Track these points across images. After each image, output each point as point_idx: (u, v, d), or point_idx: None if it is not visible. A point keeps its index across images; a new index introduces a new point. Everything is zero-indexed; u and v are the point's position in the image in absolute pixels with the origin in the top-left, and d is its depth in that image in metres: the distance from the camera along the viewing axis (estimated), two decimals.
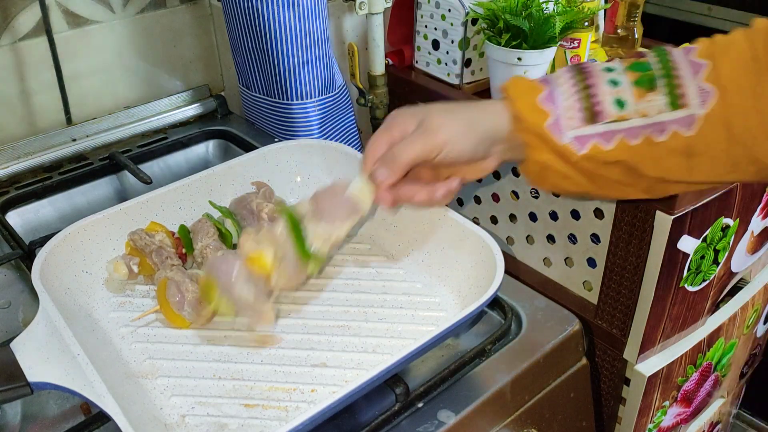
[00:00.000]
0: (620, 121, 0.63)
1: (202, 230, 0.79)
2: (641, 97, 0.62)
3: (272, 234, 0.68)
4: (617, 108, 0.62)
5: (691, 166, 0.63)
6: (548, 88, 0.65)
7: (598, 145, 0.63)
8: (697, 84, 0.61)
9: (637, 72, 0.63)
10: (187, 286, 0.71)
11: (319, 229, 0.68)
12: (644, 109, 0.62)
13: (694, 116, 0.61)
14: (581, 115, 0.63)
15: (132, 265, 0.75)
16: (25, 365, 0.61)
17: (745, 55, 0.60)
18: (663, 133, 0.62)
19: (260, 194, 0.84)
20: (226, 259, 0.67)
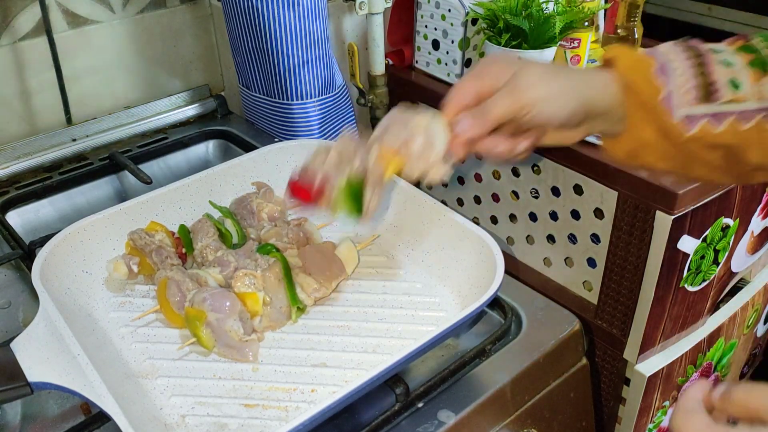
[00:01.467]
0: (736, 103, 0.59)
1: (202, 230, 0.79)
2: (758, 78, 0.59)
3: (266, 278, 0.72)
4: (732, 89, 0.59)
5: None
6: (659, 61, 0.60)
7: (708, 125, 0.59)
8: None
9: (750, 53, 0.59)
10: (187, 286, 0.71)
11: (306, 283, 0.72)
12: (762, 91, 0.58)
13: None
14: (696, 93, 0.59)
15: (132, 264, 0.76)
16: (25, 365, 0.61)
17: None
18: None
19: (260, 194, 0.84)
20: (220, 294, 0.69)
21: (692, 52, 0.61)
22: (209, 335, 0.68)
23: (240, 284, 0.72)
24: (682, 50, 0.61)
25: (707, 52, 0.60)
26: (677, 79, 0.60)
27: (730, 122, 0.59)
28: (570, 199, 1.01)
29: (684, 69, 0.60)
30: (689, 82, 0.59)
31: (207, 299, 0.68)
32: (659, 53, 0.61)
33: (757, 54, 0.59)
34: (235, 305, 0.69)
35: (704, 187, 0.90)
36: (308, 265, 0.74)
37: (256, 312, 0.71)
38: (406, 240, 0.82)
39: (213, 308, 0.68)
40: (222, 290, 0.70)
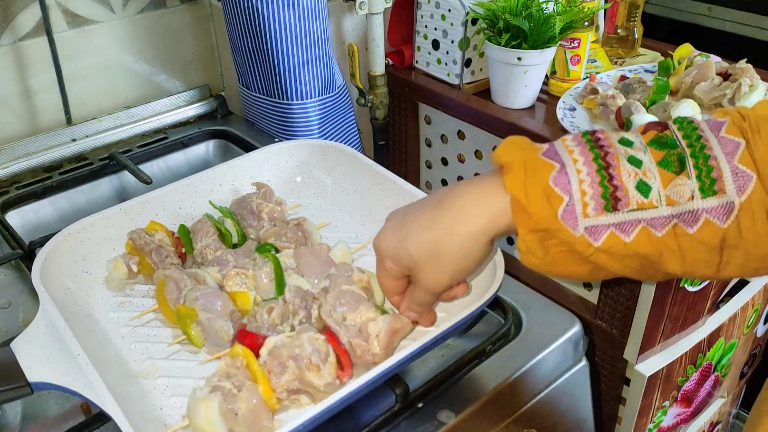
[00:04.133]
0: (644, 210, 0.53)
1: (202, 230, 0.79)
2: (668, 180, 0.52)
3: (258, 277, 0.72)
4: (641, 193, 0.53)
5: (721, 262, 0.54)
6: (558, 164, 0.55)
7: (616, 235, 0.53)
8: (732, 166, 0.51)
9: (661, 150, 0.54)
10: (185, 283, 0.71)
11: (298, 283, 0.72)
12: (672, 195, 0.52)
13: (731, 204, 0.51)
14: (599, 201, 0.53)
15: (131, 264, 0.76)
16: (25, 365, 0.61)
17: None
18: (695, 223, 0.52)
19: (260, 194, 0.84)
20: (212, 294, 0.69)
21: (597, 149, 0.55)
22: (199, 333, 0.68)
23: (231, 283, 0.72)
24: (586, 148, 0.55)
25: (614, 149, 0.55)
26: (578, 186, 0.54)
27: (640, 230, 0.53)
28: None
29: (586, 173, 0.54)
30: (591, 189, 0.54)
31: (199, 298, 0.68)
32: (560, 153, 0.56)
33: (668, 151, 0.54)
34: (226, 305, 0.69)
35: None
36: (302, 266, 0.74)
37: (246, 311, 0.71)
38: None
39: (204, 307, 0.68)
40: (214, 290, 0.71)
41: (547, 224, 0.54)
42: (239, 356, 0.62)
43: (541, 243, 0.56)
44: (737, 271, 0.55)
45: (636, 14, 1.24)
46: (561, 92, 1.13)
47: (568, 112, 1.07)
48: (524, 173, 0.55)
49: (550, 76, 1.16)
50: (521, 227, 0.56)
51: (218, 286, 0.73)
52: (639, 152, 0.54)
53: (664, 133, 0.55)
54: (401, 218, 0.62)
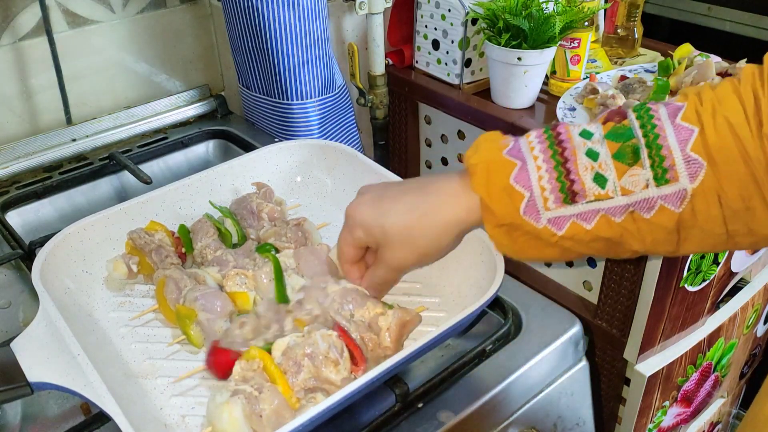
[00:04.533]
0: (602, 200, 0.57)
1: (201, 230, 0.79)
2: (623, 172, 0.56)
3: (258, 277, 0.72)
4: (598, 186, 0.57)
5: (680, 240, 0.57)
6: (520, 162, 0.59)
7: (577, 224, 0.58)
8: (685, 154, 0.54)
9: (617, 142, 0.57)
10: (185, 283, 0.71)
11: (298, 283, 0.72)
12: (627, 186, 0.56)
13: (684, 191, 0.55)
14: (558, 195, 0.57)
15: (131, 264, 0.76)
16: (25, 365, 0.61)
17: (734, 117, 0.54)
18: (650, 210, 0.56)
19: (261, 194, 0.84)
20: (212, 294, 0.69)
21: (556, 146, 0.58)
22: (199, 334, 0.68)
23: (231, 283, 0.72)
24: (546, 144, 0.59)
25: (573, 143, 0.58)
26: (537, 182, 0.58)
27: (600, 218, 0.57)
28: None
29: (545, 169, 0.58)
30: (550, 184, 0.58)
31: (199, 298, 0.68)
32: (522, 151, 0.59)
33: (622, 142, 0.56)
34: (226, 306, 0.69)
35: None
36: (302, 266, 0.74)
37: (246, 311, 0.71)
38: None
39: (204, 308, 0.68)
40: (214, 290, 0.70)
41: (510, 219, 0.59)
42: (255, 359, 0.62)
43: (508, 235, 0.60)
44: (696, 248, 0.58)
45: (636, 14, 1.24)
46: (561, 92, 1.13)
47: (568, 112, 1.07)
48: (487, 175, 0.59)
49: (550, 76, 1.16)
50: (487, 224, 0.61)
51: (218, 286, 0.73)
52: (597, 145, 0.57)
53: (622, 123, 0.58)
54: (380, 194, 0.65)
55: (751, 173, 0.53)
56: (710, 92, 0.56)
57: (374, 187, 0.68)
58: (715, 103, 0.55)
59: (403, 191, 0.64)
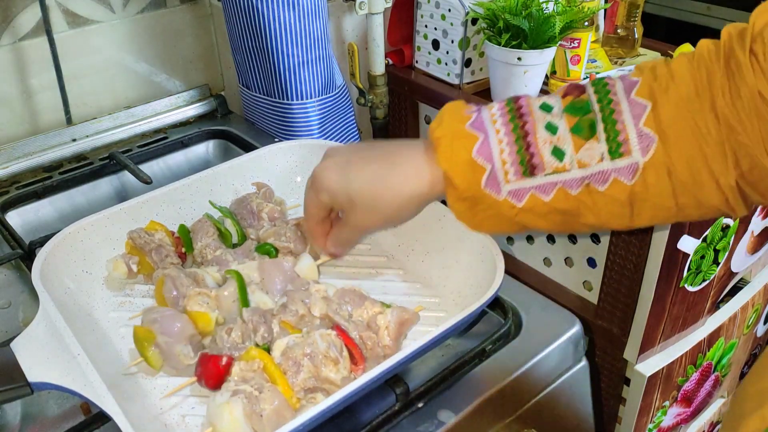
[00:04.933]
0: (559, 173, 0.59)
1: (201, 230, 0.79)
2: (580, 145, 0.58)
3: (220, 297, 0.71)
4: (556, 159, 0.59)
5: (633, 213, 0.60)
6: (482, 135, 0.60)
7: (536, 196, 0.60)
8: (638, 129, 0.57)
9: (575, 116, 0.59)
10: (182, 281, 0.71)
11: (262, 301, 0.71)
12: (583, 159, 0.58)
13: (636, 164, 0.57)
14: (518, 168, 0.60)
15: (131, 264, 0.75)
16: (25, 365, 0.61)
17: (686, 93, 0.56)
18: (604, 182, 0.58)
19: (260, 194, 0.84)
20: (170, 317, 0.67)
21: (517, 119, 0.60)
22: (157, 356, 0.66)
23: (192, 303, 0.69)
24: (507, 118, 0.61)
25: (533, 117, 0.60)
26: (498, 155, 0.60)
27: (557, 190, 0.59)
28: None
29: (506, 143, 0.60)
30: (511, 157, 0.60)
31: (157, 320, 0.66)
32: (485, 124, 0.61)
33: (580, 116, 0.59)
34: (185, 329, 0.66)
35: None
36: (266, 281, 0.73)
37: (208, 333, 0.69)
38: (405, 240, 0.82)
39: (162, 331, 0.65)
40: (173, 312, 0.68)
41: (472, 192, 0.61)
42: (255, 359, 0.62)
43: (470, 208, 0.63)
44: (648, 221, 0.61)
45: (636, 14, 1.24)
46: None
47: None
48: (450, 149, 0.61)
49: (550, 76, 1.16)
50: (450, 197, 0.63)
51: (218, 285, 0.73)
52: (556, 118, 0.59)
53: (580, 97, 0.60)
54: (346, 160, 0.67)
55: (700, 147, 0.56)
56: (664, 68, 0.58)
57: (340, 151, 0.69)
58: (668, 79, 0.57)
59: (369, 159, 0.66)
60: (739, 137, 0.55)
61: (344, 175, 0.66)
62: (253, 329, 0.66)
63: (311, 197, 0.69)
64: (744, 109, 0.54)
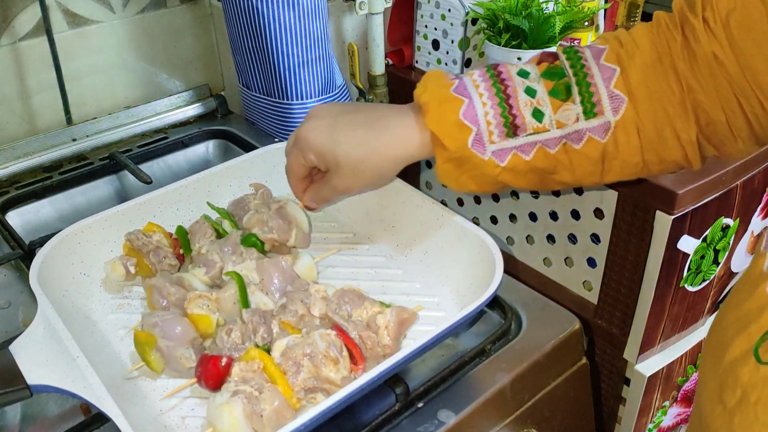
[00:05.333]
0: (539, 133, 0.64)
1: (199, 231, 0.79)
2: (557, 107, 0.63)
3: (221, 300, 0.71)
4: (536, 120, 0.63)
5: (603, 170, 0.65)
6: (466, 98, 0.64)
7: (518, 155, 0.64)
8: (609, 91, 0.62)
9: (551, 80, 0.64)
10: (168, 290, 0.70)
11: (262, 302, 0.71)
12: (561, 119, 0.63)
13: (608, 123, 0.62)
14: (502, 129, 0.64)
15: (129, 265, 0.75)
16: (24, 368, 0.61)
17: (650, 58, 0.62)
18: (580, 141, 0.63)
19: (258, 195, 0.83)
20: (171, 320, 0.67)
21: (498, 85, 0.64)
22: (159, 359, 0.66)
23: (193, 306, 0.69)
24: (490, 83, 0.65)
25: (513, 81, 0.64)
26: (483, 117, 0.64)
27: (537, 149, 0.64)
28: (570, 199, 1.01)
29: (490, 105, 0.64)
30: (495, 119, 0.64)
31: (158, 324, 0.66)
32: (468, 88, 0.65)
33: (556, 81, 0.63)
34: (186, 332, 0.66)
35: (704, 187, 0.90)
36: (266, 282, 0.73)
37: (209, 335, 0.69)
38: (404, 240, 0.82)
39: (164, 334, 0.65)
40: (174, 315, 0.68)
41: (460, 153, 0.64)
42: (254, 359, 0.62)
43: (456, 169, 0.66)
44: (616, 176, 0.66)
45: (636, 14, 1.23)
46: None
47: None
48: (438, 111, 0.65)
49: None
50: (439, 158, 0.66)
51: (207, 287, 0.73)
52: (534, 83, 0.64)
53: (554, 63, 0.65)
54: (333, 122, 0.69)
55: (664, 107, 0.61)
56: (628, 36, 0.64)
57: (326, 112, 0.71)
58: (633, 46, 0.63)
59: (356, 123, 0.68)
60: (698, 95, 0.60)
61: (332, 138, 0.68)
62: (253, 330, 0.66)
63: (297, 155, 0.72)
64: (700, 70, 0.60)
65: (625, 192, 0.93)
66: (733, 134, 0.62)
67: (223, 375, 0.62)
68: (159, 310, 0.71)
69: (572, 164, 0.65)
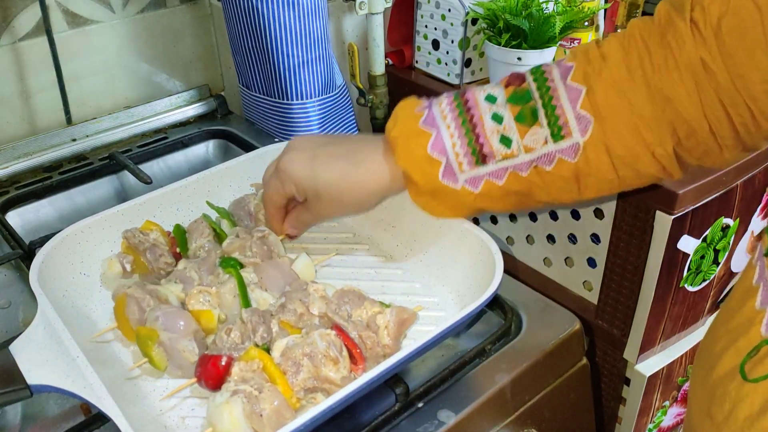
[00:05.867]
0: (509, 159, 0.64)
1: (197, 230, 0.78)
2: (524, 132, 0.63)
3: (221, 295, 0.71)
4: (504, 146, 0.64)
5: (580, 188, 0.65)
6: (435, 131, 0.65)
7: (490, 181, 0.65)
8: (575, 112, 0.62)
9: (517, 105, 0.63)
10: (148, 302, 0.69)
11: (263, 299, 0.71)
12: (529, 144, 0.63)
13: (577, 144, 0.62)
14: (470, 159, 0.64)
15: (125, 263, 0.74)
16: (24, 368, 0.61)
17: (618, 74, 0.61)
18: (550, 163, 0.63)
19: (258, 196, 0.83)
20: (173, 313, 0.67)
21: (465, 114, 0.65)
22: (161, 355, 0.66)
23: (194, 302, 0.70)
24: (456, 113, 0.65)
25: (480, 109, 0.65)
26: (452, 148, 0.64)
27: (509, 174, 0.64)
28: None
29: (457, 136, 0.64)
30: (463, 149, 0.64)
31: (160, 317, 0.66)
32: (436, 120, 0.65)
33: (522, 105, 0.63)
34: (189, 325, 0.66)
35: (704, 187, 0.90)
36: (264, 280, 0.73)
37: (211, 330, 0.69)
38: (404, 240, 0.82)
39: (166, 327, 0.65)
40: (176, 309, 0.68)
41: (431, 186, 0.66)
42: (254, 359, 0.62)
43: (431, 200, 0.67)
44: (595, 193, 0.66)
45: (636, 14, 1.24)
46: None
47: None
48: (406, 147, 0.66)
49: None
50: (411, 192, 0.68)
51: (180, 303, 0.71)
52: (501, 108, 0.64)
53: (521, 86, 0.64)
54: (312, 154, 0.70)
55: (634, 124, 0.60)
56: (596, 51, 0.63)
57: (305, 143, 0.72)
58: (600, 62, 0.62)
59: (334, 156, 0.70)
60: (677, 106, 0.59)
61: (311, 169, 0.69)
62: (253, 329, 0.66)
63: (276, 186, 0.73)
64: (682, 79, 0.58)
65: (625, 192, 0.93)
66: (718, 143, 0.61)
67: (222, 375, 0.62)
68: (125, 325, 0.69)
69: (547, 185, 0.65)
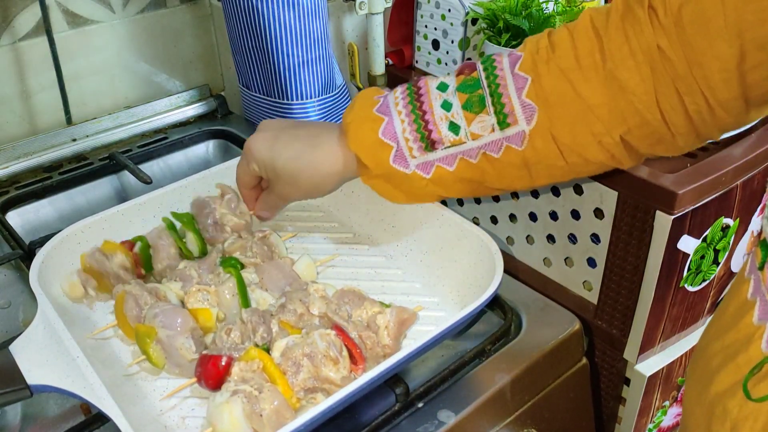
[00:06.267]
0: (457, 145, 0.65)
1: (162, 249, 0.77)
2: (472, 119, 0.64)
3: (220, 294, 0.71)
4: (452, 133, 0.65)
5: (531, 175, 0.66)
6: (387, 117, 0.66)
7: (441, 167, 0.66)
8: (521, 100, 0.63)
9: (466, 93, 0.65)
10: (146, 300, 0.69)
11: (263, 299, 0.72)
12: (476, 131, 0.64)
13: (523, 132, 0.63)
14: (419, 144, 0.66)
15: (89, 288, 0.73)
16: (24, 368, 0.61)
17: (567, 63, 0.61)
18: (498, 150, 0.64)
19: (223, 202, 0.80)
20: (171, 311, 0.67)
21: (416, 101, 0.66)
22: (159, 352, 0.66)
23: (193, 300, 0.70)
24: (407, 100, 0.67)
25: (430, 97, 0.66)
26: (401, 134, 0.66)
27: (459, 160, 0.66)
28: (570, 199, 1.01)
29: (407, 122, 0.66)
30: (412, 135, 0.66)
31: (158, 315, 0.66)
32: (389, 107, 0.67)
33: (470, 93, 0.64)
34: (187, 322, 0.66)
35: (704, 187, 0.90)
36: (265, 280, 0.73)
37: (209, 329, 0.69)
38: (404, 240, 0.82)
39: (164, 324, 0.65)
40: (174, 306, 0.68)
41: (382, 170, 0.67)
42: (254, 359, 0.62)
43: (385, 183, 0.69)
44: (547, 180, 0.68)
45: None
46: None
47: None
48: (358, 132, 0.67)
49: None
50: (362, 176, 0.70)
51: (180, 302, 0.72)
52: (450, 96, 0.65)
53: (471, 75, 0.65)
54: (275, 135, 0.72)
55: (580, 112, 0.61)
56: (546, 41, 0.63)
57: (272, 125, 0.75)
58: (548, 52, 0.62)
59: (294, 138, 0.71)
60: (628, 96, 0.59)
61: (272, 150, 0.71)
62: (253, 329, 0.66)
63: (243, 165, 0.76)
64: (637, 66, 0.58)
65: (625, 192, 0.93)
66: (670, 131, 0.61)
67: (222, 375, 0.62)
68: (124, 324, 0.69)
69: (498, 172, 0.66)
